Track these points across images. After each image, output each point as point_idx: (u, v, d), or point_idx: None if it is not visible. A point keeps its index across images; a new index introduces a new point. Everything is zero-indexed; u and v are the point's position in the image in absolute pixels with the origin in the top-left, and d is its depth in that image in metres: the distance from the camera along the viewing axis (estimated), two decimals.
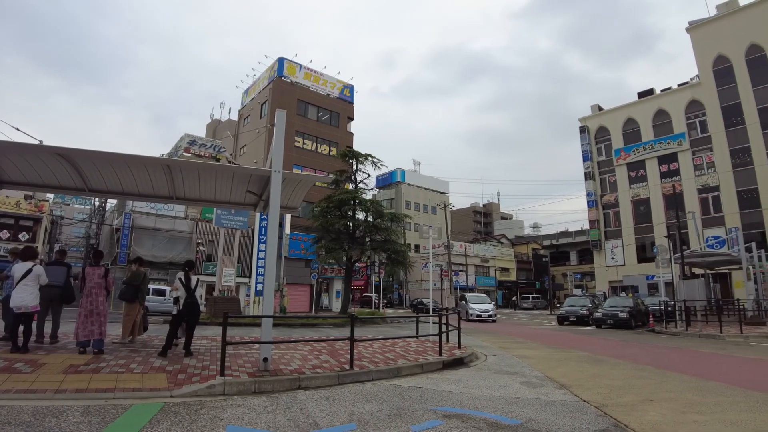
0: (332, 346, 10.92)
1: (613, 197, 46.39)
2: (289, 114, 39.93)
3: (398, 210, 59.09)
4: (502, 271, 65.17)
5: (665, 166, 43.05)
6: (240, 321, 18.02)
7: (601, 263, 46.83)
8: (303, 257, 34.49)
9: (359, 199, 26.88)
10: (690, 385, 7.70)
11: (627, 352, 12.80)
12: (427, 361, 9.09)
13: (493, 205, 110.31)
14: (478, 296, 33.14)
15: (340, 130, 44.15)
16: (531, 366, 9.84)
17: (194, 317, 8.99)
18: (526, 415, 5.53)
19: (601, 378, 8.46)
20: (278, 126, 8.24)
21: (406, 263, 28.02)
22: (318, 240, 27.61)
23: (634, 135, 45.64)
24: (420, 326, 14.46)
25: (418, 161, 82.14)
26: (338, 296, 38.15)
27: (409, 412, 5.58)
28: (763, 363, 10.62)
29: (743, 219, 37.32)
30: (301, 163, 38.88)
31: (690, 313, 20.81)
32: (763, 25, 38.15)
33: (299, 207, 10.93)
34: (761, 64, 38.03)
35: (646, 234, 43.25)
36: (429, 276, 17.04)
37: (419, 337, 12.50)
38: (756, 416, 5.63)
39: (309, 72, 43.66)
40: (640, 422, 5.29)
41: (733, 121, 39.08)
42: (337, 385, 7.20)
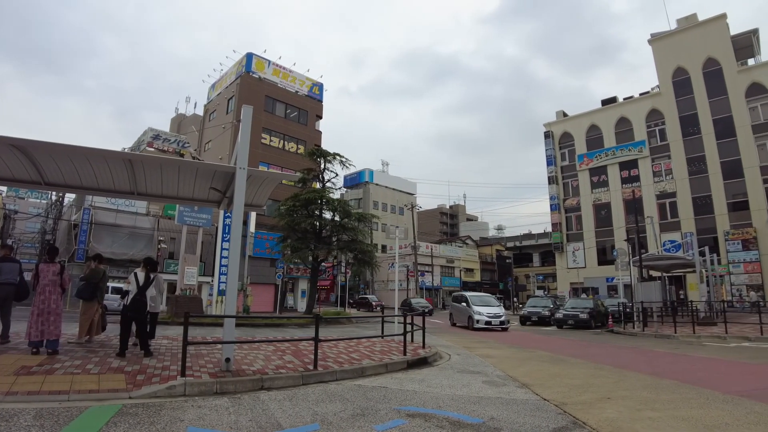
0: (296, 347, 10.83)
1: (575, 201, 47.55)
2: (256, 110, 39.12)
3: (366, 210, 59.05)
4: (467, 272, 65.88)
5: (626, 172, 44.43)
6: (202, 321, 17.67)
7: (562, 265, 47.94)
8: (268, 256, 34.07)
9: (326, 199, 26.71)
10: (645, 383, 7.96)
11: (587, 352, 13.13)
12: (392, 361, 9.12)
13: (459, 206, 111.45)
14: (481, 296, 24.83)
15: (308, 128, 43.80)
16: (493, 365, 9.99)
17: (140, 315, 8.70)
18: (488, 414, 5.60)
19: (561, 377, 8.65)
20: (244, 122, 8.12)
21: (372, 263, 27.99)
22: (284, 239, 27.30)
23: (597, 141, 46.95)
24: (385, 326, 14.51)
25: (387, 162, 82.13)
26: (303, 296, 37.86)
27: (372, 411, 5.58)
28: (713, 362, 11.06)
29: (698, 224, 38.94)
30: (267, 160, 38.41)
31: (647, 314, 21.51)
32: (720, 40, 40.08)
33: (264, 205, 10.80)
34: (717, 77, 39.81)
35: (606, 237, 44.51)
36: (395, 276, 17.10)
37: (384, 337, 12.53)
38: (706, 412, 5.86)
39: (278, 68, 43.17)
40: (598, 419, 5.43)
41: (690, 131, 40.75)
42: (300, 385, 7.14)
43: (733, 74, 39.31)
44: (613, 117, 46.32)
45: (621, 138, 45.34)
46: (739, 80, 38.95)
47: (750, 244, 36.67)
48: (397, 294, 16.15)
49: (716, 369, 10.00)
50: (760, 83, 38.06)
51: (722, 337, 16.48)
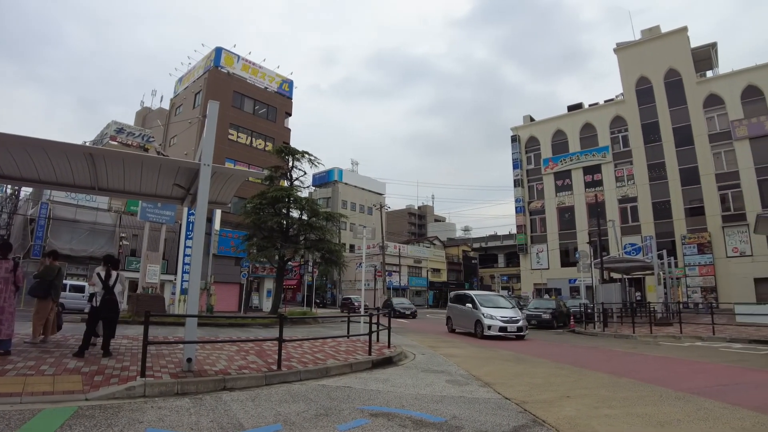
0: (260, 347, 10.72)
1: (540, 204, 48.50)
2: (224, 106, 38.46)
3: (335, 209, 58.80)
4: (434, 272, 66.46)
5: (589, 177, 45.59)
6: (164, 320, 17.29)
7: (527, 266, 48.84)
8: (233, 255, 33.58)
9: (294, 197, 26.42)
10: (604, 382, 8.20)
11: (548, 352, 13.42)
12: (357, 361, 9.13)
13: (427, 207, 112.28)
14: (489, 295, 20.68)
15: (277, 125, 43.29)
16: (457, 365, 10.11)
17: (112, 315, 8.53)
18: (451, 413, 5.68)
19: (523, 376, 8.83)
20: (210, 118, 7.99)
21: (340, 263, 27.85)
22: (249, 237, 26.92)
23: (562, 146, 48.02)
24: (351, 326, 14.50)
25: (357, 161, 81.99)
26: (269, 296, 37.47)
27: (336, 411, 5.58)
28: (668, 360, 11.46)
29: (657, 228, 40.31)
30: (234, 157, 37.82)
31: (607, 314, 22.14)
32: (681, 52, 41.72)
33: (230, 202, 10.65)
34: (677, 87, 41.38)
35: (569, 240, 45.55)
36: (362, 276, 17.14)
37: (350, 336, 12.53)
38: (659, 409, 6.09)
39: (247, 64, 42.53)
40: (557, 417, 5.57)
41: (651, 138, 42.19)
42: (264, 385, 7.08)
43: (692, 85, 40.83)
44: (578, 123, 47.46)
45: (585, 143, 46.51)
46: (698, 91, 40.49)
47: (705, 248, 38.12)
48: (363, 294, 16.14)
49: (670, 368, 10.36)
50: (717, 95, 39.63)
51: (677, 337, 17.09)
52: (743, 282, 35.52)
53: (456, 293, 21.45)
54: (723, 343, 15.37)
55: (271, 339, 8.54)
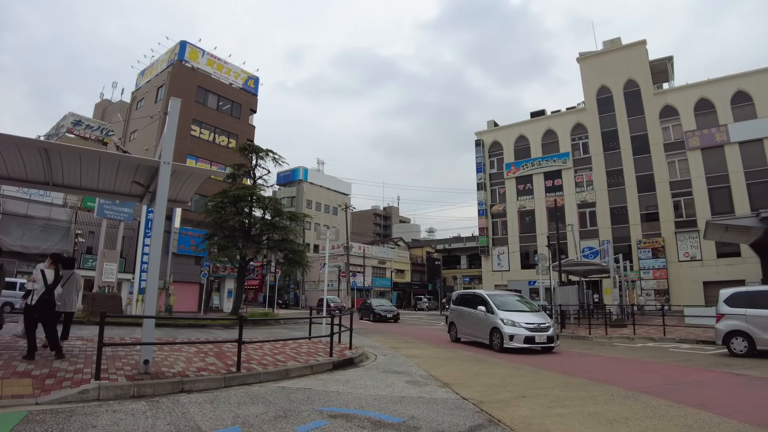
0: (220, 348, 10.58)
1: (501, 207, 49.38)
2: (187, 101, 37.61)
3: (299, 209, 58.46)
4: (398, 273, 66.79)
5: (550, 182, 46.71)
6: (121, 320, 16.91)
7: (488, 268, 49.64)
8: (193, 254, 32.91)
9: (257, 196, 26.06)
10: (559, 382, 8.45)
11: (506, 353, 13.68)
12: (317, 362, 9.13)
13: (393, 208, 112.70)
14: (507, 297, 15.70)
15: (241, 122, 42.64)
16: (417, 365, 10.23)
17: (47, 315, 8.19)
18: (409, 413, 5.76)
19: (481, 376, 9.01)
20: (171, 115, 7.87)
21: (303, 263, 27.64)
22: (210, 236, 26.44)
23: (525, 151, 49.05)
24: (313, 327, 14.46)
25: (323, 161, 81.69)
26: (230, 296, 36.87)
27: (295, 413, 5.59)
28: (621, 361, 11.88)
29: (614, 233, 41.66)
30: (196, 153, 37.09)
31: (565, 316, 22.78)
32: (640, 63, 43.40)
33: (190, 201, 10.48)
34: (636, 97, 42.98)
35: (529, 243, 46.56)
36: (325, 277, 17.08)
37: (312, 338, 12.50)
38: (610, 408, 6.34)
39: (212, 59, 41.77)
40: (512, 417, 5.73)
41: (610, 146, 43.61)
42: (222, 387, 7.03)
43: (649, 96, 42.43)
44: (540, 129, 48.58)
45: (547, 149, 47.62)
46: (655, 102, 42.12)
47: (659, 253, 39.62)
48: (326, 294, 16.10)
49: (623, 368, 10.75)
50: (673, 106, 41.33)
51: (631, 338, 17.71)
52: (693, 285, 37.12)
53: (461, 293, 17.55)
54: (673, 344, 16.02)
55: (231, 340, 8.46)
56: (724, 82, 39.70)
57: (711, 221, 23.30)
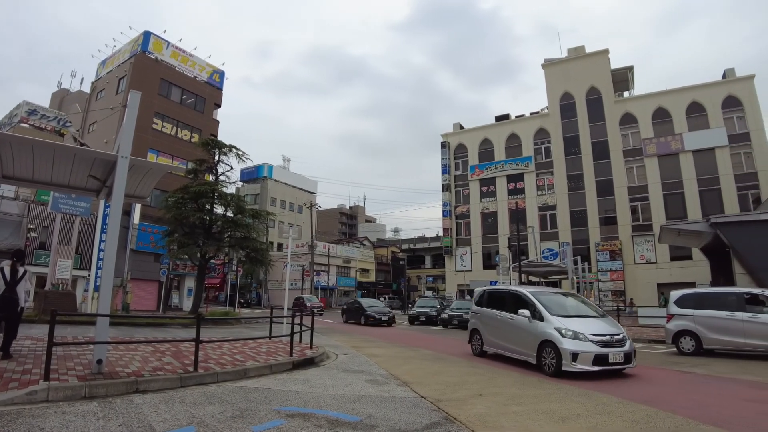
0: (177, 348, 10.40)
1: (465, 209, 50.06)
2: (150, 93, 36.54)
3: (263, 206, 57.70)
4: (363, 272, 66.80)
5: (513, 185, 47.66)
6: (75, 319, 16.35)
7: (451, 268, 50.25)
8: (152, 251, 32.10)
9: (219, 192, 25.63)
10: (515, 380, 8.64)
11: (466, 351, 13.88)
12: (277, 362, 9.08)
13: (359, 208, 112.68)
14: (557, 297, 11.21)
15: (205, 116, 41.81)
16: (378, 364, 10.28)
17: (9, 314, 7.95)
18: (367, 412, 5.81)
19: (440, 375, 9.13)
20: (130, 108, 7.69)
21: (266, 262, 27.31)
22: (170, 233, 25.84)
23: (489, 154, 49.89)
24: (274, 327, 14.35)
25: (288, 158, 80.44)
26: (190, 295, 36.11)
27: (252, 413, 5.56)
28: None
29: (573, 235, 42.80)
30: (158, 147, 36.18)
31: None
32: (602, 71, 44.90)
33: (148, 197, 10.26)
34: (597, 104, 44.40)
35: (492, 244, 47.36)
36: (287, 276, 16.96)
37: (272, 338, 12.40)
38: (563, 405, 6.54)
39: (177, 51, 40.78)
40: (468, 415, 5.84)
41: (572, 151, 44.85)
42: (179, 387, 6.92)
43: (610, 104, 43.85)
44: (504, 133, 49.49)
45: (510, 153, 48.59)
46: (615, 109, 43.56)
47: (616, 255, 40.91)
48: (287, 293, 15.94)
49: None
50: (632, 114, 42.88)
51: None
52: (648, 287, 38.52)
53: (490, 291, 13.14)
54: None
55: (189, 340, 8.31)
56: (680, 93, 41.44)
57: (665, 226, 24.29)
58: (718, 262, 23.69)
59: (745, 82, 39.41)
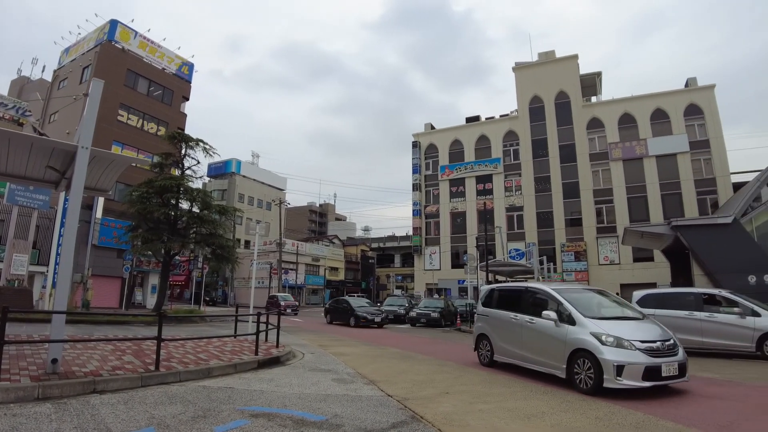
0: (138, 346, 10.10)
1: (435, 208, 50.42)
2: (115, 84, 35.44)
3: (231, 202, 56.84)
4: (332, 271, 66.47)
5: (481, 185, 48.27)
6: (31, 317, 15.79)
7: (420, 267, 50.53)
8: (115, 246, 31.15)
9: (185, 187, 25.02)
10: (482, 379, 8.71)
11: (434, 349, 13.98)
12: (242, 361, 8.90)
13: (329, 206, 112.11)
14: (587, 294, 9.32)
15: (172, 109, 40.80)
16: (345, 363, 10.21)
17: None
18: (332, 411, 5.74)
19: (407, 373, 9.12)
20: (92, 97, 7.42)
21: (232, 259, 26.82)
22: (134, 228, 25.13)
23: (459, 155, 50.41)
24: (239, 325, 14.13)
25: (257, 154, 79.27)
26: (154, 292, 35.22)
27: (215, 413, 5.43)
28: None
29: (540, 236, 43.61)
30: (123, 140, 35.15)
31: None
32: (571, 76, 46.04)
33: (110, 190, 9.92)
34: (566, 108, 45.45)
35: (460, 243, 47.82)
36: (253, 274, 16.70)
37: (237, 336, 12.19)
38: (529, 403, 6.60)
39: (145, 41, 39.65)
40: (434, 413, 5.83)
41: (540, 153, 45.76)
42: (139, 387, 6.71)
43: (578, 108, 44.91)
44: (474, 134, 50.07)
45: (480, 154, 49.22)
46: (583, 114, 44.62)
47: (581, 256, 41.85)
48: (253, 292, 15.64)
49: None
50: (599, 119, 44.04)
51: None
52: (611, 287, 39.30)
53: (501, 289, 10.77)
54: None
55: (151, 338, 8.07)
56: (645, 99, 42.73)
57: (629, 228, 24.97)
58: (678, 264, 24.44)
59: (706, 92, 40.95)
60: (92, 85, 7.49)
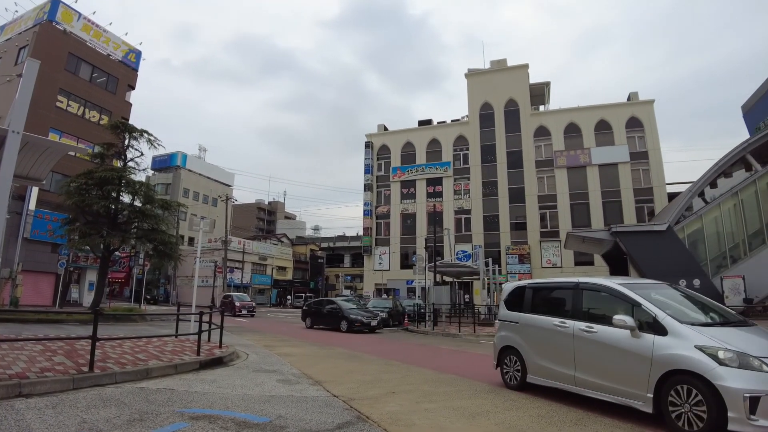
0: (71, 346, 9.58)
1: (386, 209, 50.67)
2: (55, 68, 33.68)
3: (175, 197, 55.05)
4: (279, 270, 65.50)
5: (432, 188, 48.98)
6: None
7: (370, 267, 50.64)
8: (50, 240, 29.53)
9: (126, 180, 24.00)
10: (428, 378, 8.77)
11: (381, 349, 13.99)
12: (183, 362, 8.60)
13: (278, 203, 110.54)
14: (664, 289, 6.89)
15: (117, 97, 39.00)
16: (290, 364, 10.06)
17: None
18: (276, 413, 5.62)
19: (354, 373, 9.09)
20: (27, 78, 7.00)
21: (175, 256, 25.94)
22: (71, 221, 23.90)
23: (410, 157, 50.93)
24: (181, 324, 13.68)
25: (205, 148, 76.94)
26: (91, 289, 33.59)
27: (152, 416, 5.20)
28: (486, 357, 12.52)
29: (486, 239, 44.67)
30: (61, 127, 33.30)
31: (437, 314, 23.91)
32: (521, 85, 47.54)
33: (45, 179, 9.39)
34: (515, 116, 46.94)
35: (409, 244, 48.28)
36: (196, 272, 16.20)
37: (179, 336, 11.78)
38: (474, 402, 6.71)
39: (89, 24, 37.65)
40: (380, 413, 5.81)
41: (488, 159, 46.95)
42: (70, 390, 6.35)
43: (527, 116, 46.40)
44: (426, 137, 50.75)
45: (431, 157, 49.94)
46: (531, 122, 46.14)
47: (525, 259, 43.12)
48: (195, 291, 15.12)
49: (488, 364, 11.32)
50: (546, 127, 45.72)
51: None
52: None
53: (538, 288, 8.26)
54: None
55: (85, 337, 7.66)
56: (590, 110, 44.65)
57: (571, 233, 25.93)
58: (617, 268, 25.58)
59: (646, 106, 43.23)
60: (27, 65, 7.07)
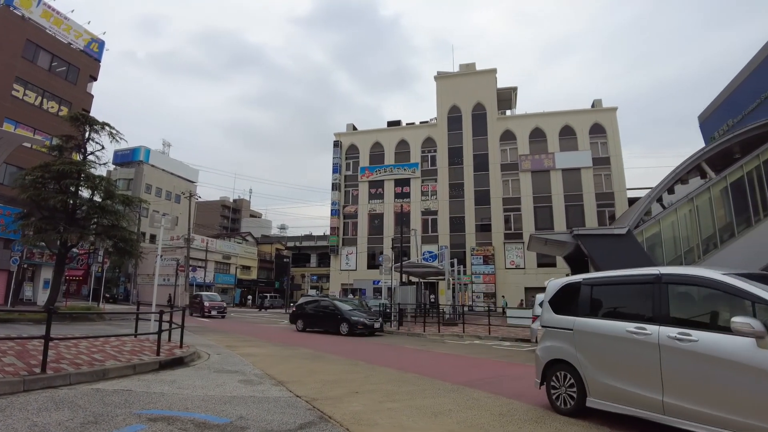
0: (23, 346, 9.23)
1: (353, 209, 50.63)
2: (11, 55, 32.57)
3: (137, 193, 53.69)
4: (244, 269, 64.56)
5: (399, 188, 49.25)
6: None
7: (336, 267, 50.50)
8: (2, 235, 28.44)
9: (86, 174, 23.22)
10: (391, 377, 8.82)
11: (345, 349, 13.98)
12: (142, 362, 8.40)
13: (243, 201, 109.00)
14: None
15: (77, 88, 37.69)
16: (253, 364, 9.95)
17: None
18: (237, 413, 5.55)
19: (317, 374, 9.05)
20: None
21: (135, 254, 25.23)
22: (25, 216, 23.01)
23: (379, 157, 51.08)
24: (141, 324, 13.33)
25: (169, 143, 75.27)
26: (46, 287, 32.41)
27: (108, 418, 5.06)
28: (450, 357, 12.80)
29: (452, 240, 45.23)
30: (17, 118, 32.01)
31: (403, 314, 24.07)
32: (488, 89, 48.32)
33: None
34: (481, 119, 47.73)
35: (377, 244, 48.39)
36: (157, 270, 15.82)
37: (138, 335, 11.50)
38: (436, 401, 6.77)
39: (49, 11, 36.23)
40: (343, 413, 5.81)
41: (455, 161, 47.62)
42: (21, 392, 6.11)
43: (493, 120, 47.19)
44: (395, 138, 50.99)
45: (399, 158, 50.22)
46: (497, 126, 46.95)
47: (489, 260, 43.78)
48: (156, 290, 14.70)
49: (451, 363, 11.59)
50: (512, 131, 46.63)
51: (460, 336, 19.25)
52: (517, 290, 41.70)
53: (599, 283, 6.14)
54: (496, 342, 17.77)
55: (37, 337, 7.39)
56: (555, 116, 45.79)
57: (534, 235, 26.43)
58: (578, 270, 26.14)
59: (609, 113, 44.59)
60: None
